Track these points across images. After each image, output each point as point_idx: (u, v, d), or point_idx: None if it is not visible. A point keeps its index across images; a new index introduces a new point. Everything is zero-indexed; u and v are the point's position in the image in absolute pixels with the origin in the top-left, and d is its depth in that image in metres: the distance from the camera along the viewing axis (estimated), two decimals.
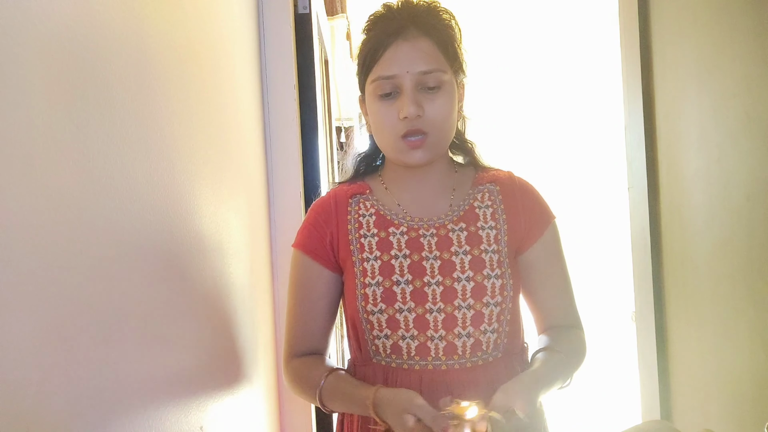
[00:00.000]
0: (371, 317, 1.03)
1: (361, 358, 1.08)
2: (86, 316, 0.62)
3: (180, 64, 0.96)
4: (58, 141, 0.58)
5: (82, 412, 0.60)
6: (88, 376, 0.62)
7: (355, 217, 1.09)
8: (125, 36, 0.75)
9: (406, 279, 1.03)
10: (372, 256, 1.05)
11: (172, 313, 0.87)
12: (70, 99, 0.61)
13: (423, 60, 1.00)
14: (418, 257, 1.04)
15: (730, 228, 1.41)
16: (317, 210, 1.12)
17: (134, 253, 0.75)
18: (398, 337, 1.03)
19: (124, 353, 0.71)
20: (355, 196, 1.11)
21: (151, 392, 0.77)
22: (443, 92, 1.02)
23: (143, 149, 0.79)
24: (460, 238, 1.05)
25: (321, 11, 2.20)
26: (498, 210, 1.09)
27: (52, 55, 0.58)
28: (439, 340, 1.02)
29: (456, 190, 1.11)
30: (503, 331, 1.05)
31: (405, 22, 1.01)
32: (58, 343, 0.57)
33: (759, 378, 1.32)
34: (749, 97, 1.30)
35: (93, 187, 0.65)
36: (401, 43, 1.00)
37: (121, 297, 0.71)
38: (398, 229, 1.07)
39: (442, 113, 1.02)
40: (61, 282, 0.58)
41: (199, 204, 1.01)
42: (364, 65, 1.05)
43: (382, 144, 1.06)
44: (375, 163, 1.17)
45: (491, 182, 1.11)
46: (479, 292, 1.02)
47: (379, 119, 1.03)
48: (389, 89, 1.01)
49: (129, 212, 0.73)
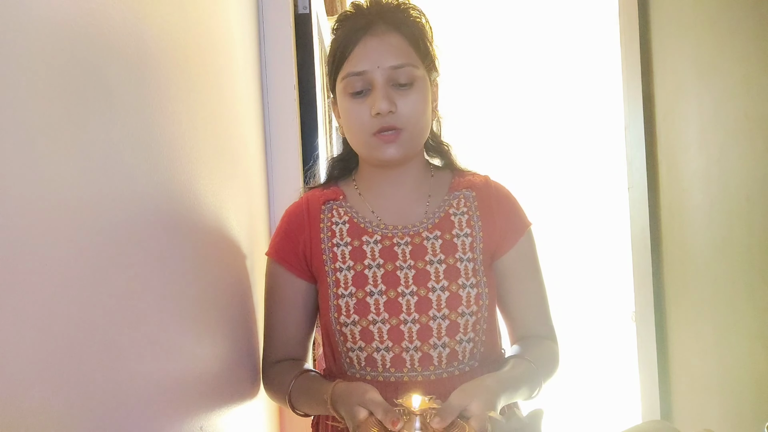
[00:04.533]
0: (344, 329, 1.01)
1: (336, 370, 1.06)
2: (85, 316, 0.62)
3: (180, 64, 0.96)
4: (58, 141, 0.58)
5: (81, 414, 0.60)
6: (87, 377, 0.62)
7: (328, 225, 1.06)
8: (125, 36, 0.75)
9: (380, 289, 1.00)
10: (345, 266, 1.02)
11: (172, 314, 0.87)
12: (70, 99, 0.61)
13: (393, 54, 0.97)
14: (392, 267, 1.01)
15: (730, 228, 1.41)
16: (290, 217, 1.09)
17: (134, 254, 0.75)
18: (372, 349, 1.00)
19: (124, 354, 0.71)
20: (328, 202, 1.08)
21: (150, 392, 0.77)
22: (416, 88, 0.98)
23: (143, 149, 0.79)
24: (435, 247, 1.02)
25: (321, 11, 2.20)
26: (474, 217, 1.05)
27: (52, 55, 0.58)
28: (415, 351, 0.99)
29: (432, 195, 1.07)
30: (479, 340, 1.02)
31: (373, 18, 0.99)
32: (57, 343, 0.57)
33: (759, 378, 1.32)
34: (749, 97, 1.30)
35: (93, 187, 0.65)
36: (370, 39, 0.97)
37: (120, 298, 0.70)
38: (372, 238, 1.03)
39: (415, 109, 0.98)
40: (60, 282, 0.58)
41: (199, 204, 1.01)
42: (333, 64, 1.02)
43: (354, 143, 1.03)
44: (349, 167, 1.13)
45: (467, 188, 1.08)
46: (454, 301, 0.99)
47: (350, 118, 1.00)
48: (360, 86, 0.98)
49: (129, 212, 0.73)
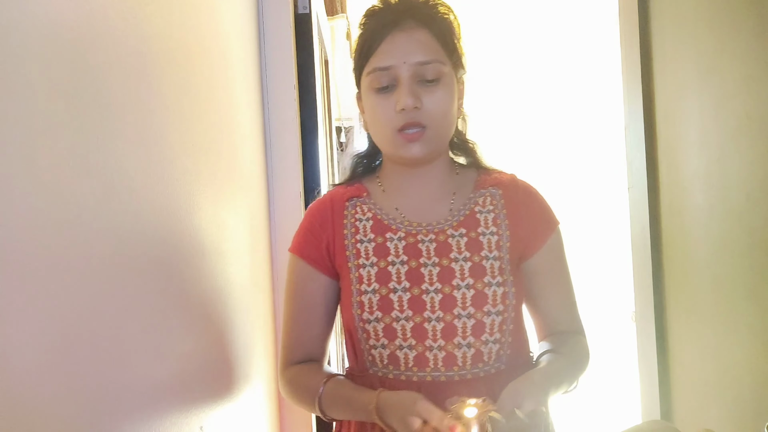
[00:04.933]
0: (367, 326, 0.99)
1: (357, 369, 1.04)
2: (85, 316, 0.62)
3: (180, 64, 0.96)
4: (58, 141, 0.58)
5: (81, 413, 0.60)
6: (88, 377, 0.62)
7: (352, 222, 1.05)
8: (125, 36, 0.75)
9: (404, 286, 0.99)
10: (368, 263, 1.01)
11: (171, 314, 0.87)
12: (70, 99, 0.61)
13: (420, 50, 0.96)
14: (416, 264, 1.00)
15: (730, 228, 1.41)
16: (314, 213, 1.09)
17: (134, 254, 0.75)
18: (395, 346, 0.99)
19: (124, 354, 0.71)
20: (351, 199, 1.07)
21: (151, 393, 0.77)
22: (442, 85, 0.97)
23: (143, 149, 0.79)
24: (459, 244, 1.01)
25: (321, 11, 2.20)
26: (500, 215, 1.04)
27: (52, 55, 0.58)
28: (438, 350, 0.97)
29: (456, 193, 1.06)
30: (506, 342, 1.00)
31: (401, 13, 0.98)
32: (57, 343, 0.57)
33: (759, 378, 1.32)
34: (749, 97, 1.30)
35: (93, 187, 0.65)
36: (398, 34, 0.97)
37: (120, 297, 0.70)
38: (395, 235, 1.03)
39: (441, 106, 0.97)
40: (60, 282, 0.58)
41: (199, 204, 1.01)
42: (359, 58, 1.01)
43: (378, 140, 1.02)
44: (374, 164, 1.13)
45: (493, 186, 1.06)
46: (480, 300, 0.98)
47: (375, 113, 0.99)
48: (386, 82, 0.97)
49: (129, 212, 0.73)
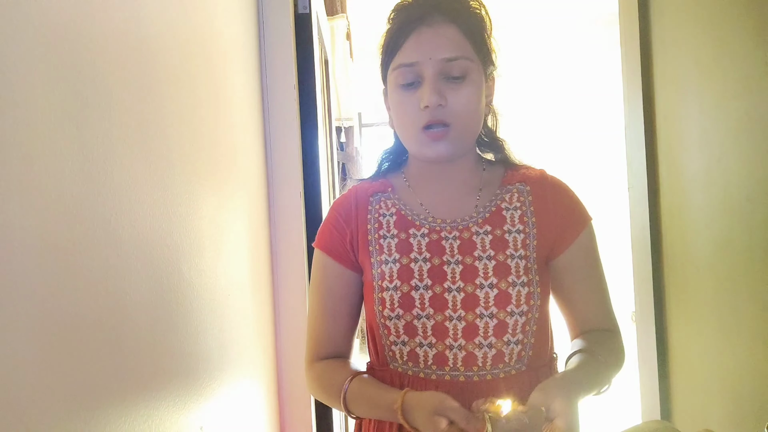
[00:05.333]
0: (388, 323, 0.98)
1: (378, 363, 1.04)
2: (86, 315, 0.62)
3: (180, 64, 0.96)
4: (58, 141, 0.58)
5: (81, 412, 0.60)
6: (87, 376, 0.62)
7: (375, 217, 1.04)
8: (125, 36, 0.75)
9: (425, 284, 0.97)
10: (391, 259, 1.00)
11: (171, 313, 0.87)
12: (70, 99, 0.61)
13: (447, 47, 0.94)
14: (439, 261, 0.98)
15: (730, 228, 1.41)
16: (338, 209, 1.07)
17: (134, 253, 0.75)
18: (415, 344, 0.97)
19: (124, 354, 0.71)
20: (376, 194, 1.06)
21: (151, 392, 0.77)
22: (468, 82, 0.95)
23: (143, 149, 0.79)
24: (484, 242, 0.99)
25: (321, 11, 2.20)
26: (527, 212, 1.02)
27: (52, 55, 0.58)
28: (459, 350, 0.96)
29: (483, 189, 1.04)
30: (528, 343, 0.98)
31: (429, 9, 0.96)
32: (57, 342, 0.57)
33: (759, 378, 1.32)
34: (749, 97, 1.30)
35: (93, 187, 0.65)
36: (424, 30, 0.95)
37: (120, 296, 0.70)
38: (419, 231, 1.01)
39: (466, 104, 0.95)
40: (60, 282, 0.58)
41: (199, 204, 1.01)
42: (386, 54, 0.99)
43: (403, 137, 1.00)
44: (401, 160, 1.11)
45: (521, 182, 1.04)
46: (503, 300, 0.96)
47: (400, 110, 0.98)
48: (411, 78, 0.95)
49: (129, 212, 0.73)
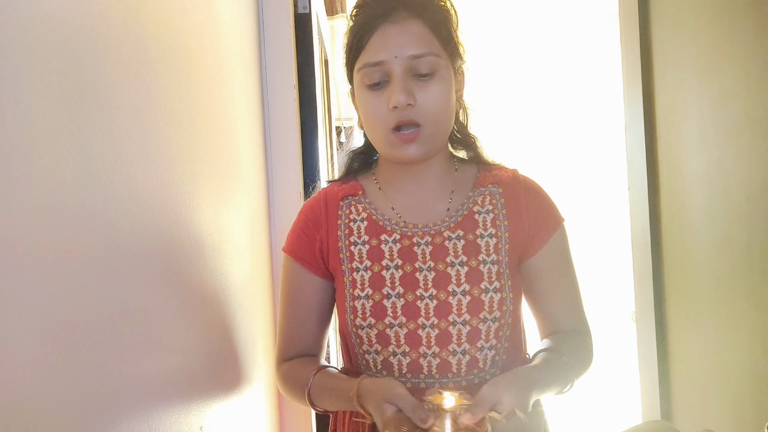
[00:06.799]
0: (360, 332, 0.97)
1: (352, 370, 1.03)
2: (85, 315, 0.62)
3: (180, 63, 0.96)
4: (58, 141, 0.58)
5: (81, 413, 0.60)
6: (87, 376, 0.62)
7: (346, 222, 1.02)
8: (125, 36, 0.75)
9: (397, 292, 0.96)
10: (362, 266, 0.98)
11: (171, 313, 0.87)
12: (70, 99, 0.61)
13: (413, 43, 0.91)
14: (411, 268, 0.97)
15: (730, 228, 1.41)
16: (307, 213, 1.05)
17: (134, 253, 0.75)
18: (389, 353, 0.96)
19: (124, 353, 0.71)
20: (346, 198, 1.03)
21: (150, 392, 0.77)
22: (437, 79, 0.92)
23: (143, 149, 0.79)
24: (456, 248, 0.97)
25: (321, 11, 2.20)
26: (500, 215, 1.00)
27: (52, 55, 0.58)
28: (432, 357, 0.95)
29: (455, 191, 1.02)
30: (502, 347, 0.98)
31: (393, 4, 0.92)
32: (57, 343, 0.57)
33: (759, 378, 1.32)
34: (749, 97, 1.30)
35: (93, 187, 0.65)
36: (389, 26, 0.91)
37: (120, 297, 0.70)
38: (390, 237, 0.99)
39: (436, 102, 0.92)
40: (60, 282, 0.58)
41: (199, 204, 1.01)
42: (350, 53, 0.97)
43: (373, 138, 0.97)
44: (370, 160, 1.09)
45: (493, 184, 1.02)
46: (476, 307, 0.94)
47: (368, 111, 0.95)
48: (378, 78, 0.92)
49: (129, 212, 0.73)
